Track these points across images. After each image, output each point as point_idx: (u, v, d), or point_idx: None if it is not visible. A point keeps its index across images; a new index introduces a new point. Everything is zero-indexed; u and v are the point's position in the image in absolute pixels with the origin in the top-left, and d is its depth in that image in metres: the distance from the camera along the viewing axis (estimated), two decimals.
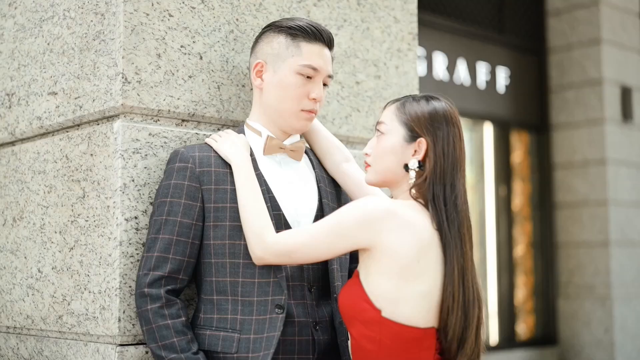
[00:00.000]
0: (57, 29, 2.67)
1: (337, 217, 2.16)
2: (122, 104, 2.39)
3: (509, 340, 8.22)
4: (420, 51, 7.82)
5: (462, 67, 8.15)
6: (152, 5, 2.47)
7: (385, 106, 2.31)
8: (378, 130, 2.28)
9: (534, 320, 8.52)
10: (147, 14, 2.46)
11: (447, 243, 2.13)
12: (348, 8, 2.95)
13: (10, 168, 2.85)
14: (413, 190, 2.19)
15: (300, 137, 2.57)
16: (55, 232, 2.60)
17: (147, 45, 2.45)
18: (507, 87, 8.42)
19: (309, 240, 2.18)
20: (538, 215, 8.56)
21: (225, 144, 2.38)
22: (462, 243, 2.15)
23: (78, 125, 2.60)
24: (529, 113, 8.58)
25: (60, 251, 2.57)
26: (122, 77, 2.40)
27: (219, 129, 2.61)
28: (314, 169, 2.53)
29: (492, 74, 8.37)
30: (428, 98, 2.25)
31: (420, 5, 7.56)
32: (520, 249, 8.51)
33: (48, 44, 2.71)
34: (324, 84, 2.48)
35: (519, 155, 8.65)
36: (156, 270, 2.28)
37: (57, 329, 2.57)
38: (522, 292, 8.47)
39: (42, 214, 2.66)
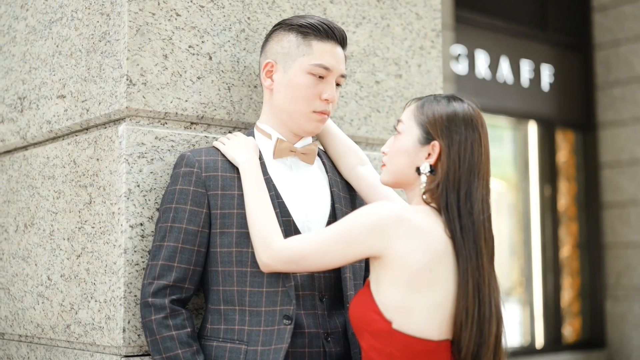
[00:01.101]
0: (65, 30, 2.61)
1: (347, 222, 2.06)
2: (126, 107, 2.31)
3: (555, 342, 8.04)
4: (461, 49, 7.68)
5: (504, 65, 7.99)
6: (159, 4, 2.39)
7: (407, 104, 2.20)
8: (396, 129, 2.18)
9: (580, 323, 8.32)
10: (153, 14, 2.38)
11: (461, 254, 2.00)
12: (367, 5, 2.84)
13: (22, 173, 2.79)
14: (425, 195, 2.07)
15: (313, 139, 2.46)
16: (64, 239, 2.53)
17: (153, 46, 2.37)
18: (551, 85, 8.24)
19: (317, 247, 2.08)
20: (584, 215, 8.37)
21: (233, 146, 2.29)
22: (479, 255, 2.02)
23: (86, 129, 2.53)
24: (574, 111, 8.39)
25: (68, 258, 2.51)
26: (127, 79, 2.32)
27: (230, 132, 2.52)
28: (327, 172, 2.42)
29: (536, 71, 8.20)
30: (450, 99, 2.13)
31: (460, 3, 7.46)
32: (566, 250, 8.33)
33: (57, 46, 2.65)
34: (337, 84, 2.38)
35: (564, 154, 8.46)
36: (161, 279, 2.20)
37: (65, 338, 2.51)
38: (568, 294, 8.28)
39: (52, 220, 2.60)
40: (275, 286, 2.21)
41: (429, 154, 2.08)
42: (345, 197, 2.41)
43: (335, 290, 2.32)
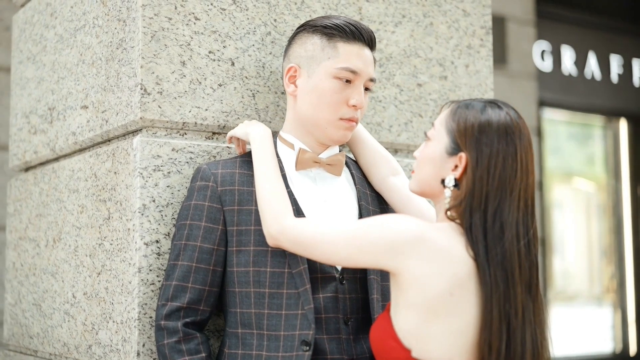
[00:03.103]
0: (88, 38, 2.51)
1: (364, 228, 1.87)
2: (140, 118, 2.19)
3: None
4: (545, 46, 7.38)
5: (592, 60, 7.65)
6: (176, 8, 2.26)
7: (442, 107, 2.00)
8: (426, 134, 1.99)
9: None
10: (170, 19, 2.25)
11: (484, 280, 1.78)
12: (407, 2, 2.64)
13: (51, 186, 2.71)
14: (450, 212, 1.87)
15: (341, 149, 2.29)
16: (86, 256, 2.43)
17: (169, 53, 2.24)
18: None
19: (328, 240, 1.90)
20: None
21: (243, 125, 2.19)
22: (510, 285, 1.79)
23: (108, 141, 2.42)
24: None
25: (90, 276, 2.41)
26: (141, 88, 2.20)
27: None
28: (355, 184, 2.24)
29: (626, 67, 7.84)
30: (487, 105, 1.90)
31: None
32: None
33: (81, 54, 2.55)
34: (366, 89, 2.20)
35: None
36: (174, 300, 2.07)
37: (87, 359, 2.40)
38: None
39: (76, 235, 2.51)
40: (295, 309, 2.05)
41: (456, 166, 1.88)
42: (375, 211, 2.23)
43: (362, 313, 2.14)
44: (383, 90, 2.58)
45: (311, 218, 2.02)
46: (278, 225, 1.97)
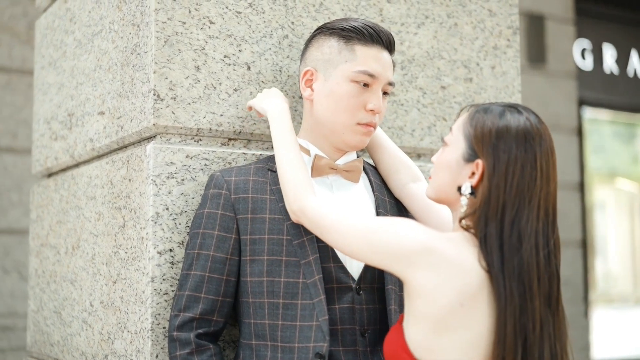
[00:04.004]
0: (104, 43, 2.48)
1: (374, 228, 1.80)
2: (154, 124, 2.15)
3: None
4: (586, 44, 7.23)
5: (635, 58, 7.49)
6: (190, 12, 2.21)
7: (461, 111, 1.93)
8: (443, 139, 1.92)
9: None
10: (184, 23, 2.20)
11: (498, 291, 1.70)
12: (430, 3, 2.57)
13: (70, 193, 2.68)
14: (463, 221, 1.80)
15: (359, 155, 2.23)
16: (103, 264, 2.40)
17: (183, 57, 2.19)
18: None
19: (342, 230, 1.84)
20: None
21: (261, 96, 2.17)
22: (527, 296, 1.70)
23: (125, 147, 2.39)
24: None
25: (106, 284, 2.37)
26: (154, 94, 2.15)
27: (273, 147, 2.31)
28: (373, 191, 2.18)
29: None
30: (507, 110, 1.81)
31: None
32: None
33: (98, 60, 2.52)
34: (385, 93, 2.13)
35: None
36: (187, 311, 2.02)
37: None
38: None
39: (93, 243, 2.47)
40: (309, 320, 1.99)
41: (473, 173, 1.81)
42: None
43: (380, 324, 2.07)
44: (405, 94, 2.51)
45: (333, 203, 1.96)
46: (300, 203, 1.94)
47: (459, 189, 1.82)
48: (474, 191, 1.79)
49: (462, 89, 2.60)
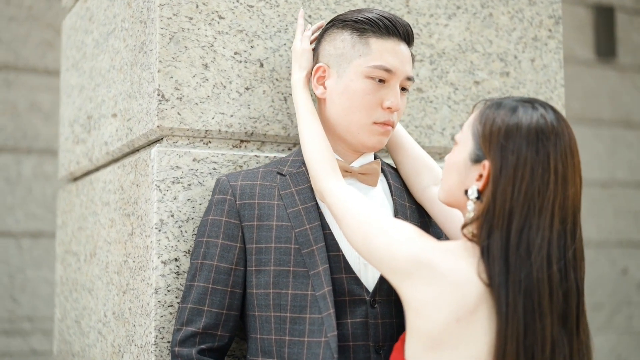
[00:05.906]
0: (117, 42, 2.37)
1: (376, 233, 1.67)
2: (158, 126, 2.03)
3: None
4: None
5: None
6: (197, 7, 2.08)
7: (474, 107, 1.74)
8: (453, 138, 1.74)
9: None
10: (191, 18, 2.08)
11: (500, 311, 1.51)
12: None
13: (88, 198, 2.59)
14: (465, 229, 1.62)
15: (377, 156, 2.07)
16: (115, 273, 2.29)
17: (190, 55, 2.07)
18: None
19: (350, 223, 1.74)
20: None
21: (296, 51, 2.05)
22: (535, 316, 1.51)
23: (136, 151, 2.27)
24: None
25: (117, 295, 2.26)
26: (158, 94, 2.03)
27: (289, 149, 2.17)
28: (392, 196, 2.01)
29: None
30: (520, 105, 1.62)
31: None
32: None
33: (111, 59, 2.41)
34: (403, 89, 1.97)
35: None
36: (189, 325, 1.89)
37: None
38: None
39: (107, 250, 2.37)
40: (318, 336, 1.83)
41: (480, 175, 1.63)
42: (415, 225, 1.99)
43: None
44: (434, 90, 2.33)
45: (352, 191, 1.82)
46: (323, 184, 1.84)
47: (466, 192, 1.64)
48: (480, 195, 1.61)
49: (497, 84, 2.42)
